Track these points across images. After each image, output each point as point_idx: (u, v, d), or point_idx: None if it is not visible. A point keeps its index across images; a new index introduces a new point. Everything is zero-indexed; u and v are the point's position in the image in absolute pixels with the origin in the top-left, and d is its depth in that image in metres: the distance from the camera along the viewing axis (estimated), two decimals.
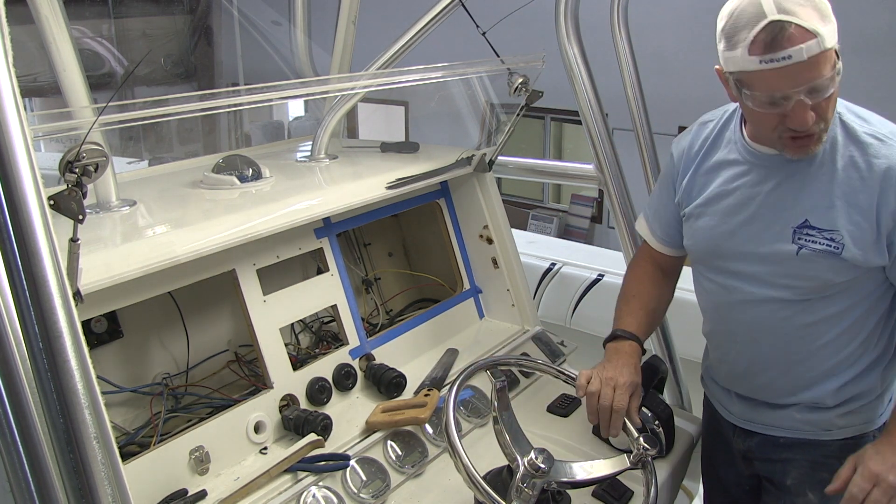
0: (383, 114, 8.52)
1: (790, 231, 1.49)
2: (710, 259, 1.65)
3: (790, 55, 1.29)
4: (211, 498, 1.44)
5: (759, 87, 1.35)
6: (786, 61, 1.29)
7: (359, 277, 2.30)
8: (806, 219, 1.48)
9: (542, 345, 2.20)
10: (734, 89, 1.42)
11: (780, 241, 1.50)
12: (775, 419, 1.67)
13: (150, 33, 9.36)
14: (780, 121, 1.38)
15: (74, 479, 0.70)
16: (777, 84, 1.33)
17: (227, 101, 1.41)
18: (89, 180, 1.04)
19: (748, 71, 1.34)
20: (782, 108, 1.36)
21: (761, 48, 1.31)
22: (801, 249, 1.48)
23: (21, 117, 0.68)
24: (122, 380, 1.70)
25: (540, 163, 3.90)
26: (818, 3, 1.32)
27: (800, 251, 1.48)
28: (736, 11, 1.35)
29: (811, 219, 1.47)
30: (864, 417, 1.61)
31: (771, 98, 1.35)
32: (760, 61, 1.31)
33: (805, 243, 1.47)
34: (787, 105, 1.35)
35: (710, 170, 1.63)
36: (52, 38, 1.51)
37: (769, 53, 1.30)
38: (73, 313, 0.70)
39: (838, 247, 1.45)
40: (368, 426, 1.71)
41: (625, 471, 1.47)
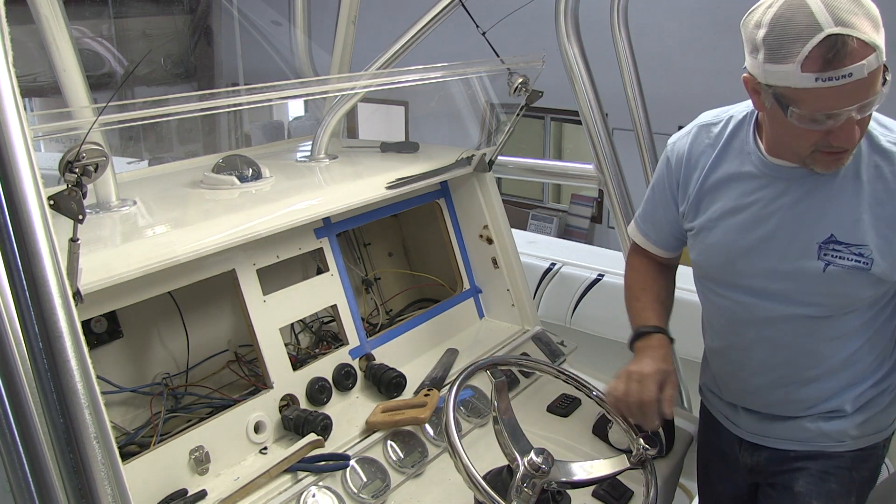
0: (383, 114, 8.52)
1: (815, 247, 1.40)
2: (725, 275, 1.56)
3: (851, 73, 1.18)
4: (211, 498, 1.44)
5: (811, 105, 1.24)
6: (846, 79, 1.19)
7: (359, 277, 2.30)
8: (832, 234, 1.40)
9: (542, 345, 2.20)
10: (769, 102, 1.32)
11: (805, 257, 1.42)
12: (787, 432, 1.60)
13: (150, 33, 9.36)
14: (822, 138, 1.29)
15: (74, 479, 0.69)
16: (833, 103, 1.23)
17: (227, 101, 1.42)
18: (89, 180, 1.04)
19: (799, 88, 1.23)
20: (829, 126, 1.26)
21: (819, 65, 1.19)
22: (828, 266, 1.40)
23: (21, 117, 0.68)
24: (122, 380, 1.70)
25: (540, 163, 3.90)
26: (870, 10, 1.21)
27: (827, 268, 1.40)
28: (781, 20, 1.23)
29: (837, 234, 1.39)
30: (877, 426, 1.57)
31: (822, 116, 1.25)
32: (817, 78, 1.20)
33: (832, 259, 1.40)
34: (836, 122, 1.25)
35: (721, 182, 1.53)
36: (52, 38, 1.51)
37: (828, 71, 1.19)
38: (73, 313, 0.70)
39: (867, 262, 1.37)
40: (368, 426, 1.71)
41: (625, 471, 1.47)
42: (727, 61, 7.71)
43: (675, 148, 1.64)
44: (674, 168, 1.63)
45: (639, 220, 1.77)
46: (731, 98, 1.58)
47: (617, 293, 1.88)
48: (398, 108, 8.63)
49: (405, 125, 8.67)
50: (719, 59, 7.21)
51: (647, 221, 1.75)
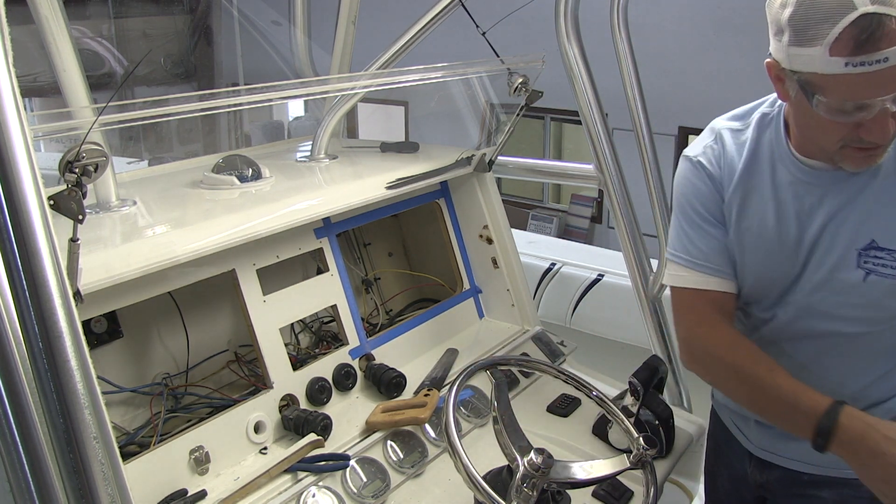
0: (383, 114, 8.52)
1: (854, 255, 1.28)
2: (763, 291, 1.42)
3: (887, 57, 1.06)
4: (211, 498, 1.44)
5: (840, 93, 1.13)
6: (880, 65, 1.06)
7: (359, 277, 2.30)
8: (873, 239, 1.28)
9: (542, 345, 2.20)
10: (795, 91, 1.20)
11: (844, 267, 1.30)
12: (801, 452, 1.44)
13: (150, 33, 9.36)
14: (852, 131, 1.18)
15: (74, 479, 0.69)
16: (865, 91, 1.11)
17: (227, 101, 1.41)
18: (89, 180, 1.04)
19: (827, 74, 1.11)
20: (859, 118, 1.15)
21: (850, 48, 1.07)
22: (868, 275, 1.28)
23: (21, 117, 0.68)
24: (122, 380, 1.70)
25: (540, 163, 3.90)
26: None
27: (867, 277, 1.28)
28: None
29: (879, 239, 1.27)
30: None
31: (851, 106, 1.13)
32: (847, 63, 1.08)
33: (873, 267, 1.27)
34: (868, 114, 1.13)
35: (753, 191, 1.39)
36: (52, 38, 1.51)
37: (861, 55, 1.07)
38: (74, 313, 0.70)
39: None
40: (368, 426, 1.71)
41: (625, 471, 1.47)
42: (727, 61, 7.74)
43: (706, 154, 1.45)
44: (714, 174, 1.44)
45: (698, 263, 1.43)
46: (731, 98, 1.58)
47: (617, 293, 1.88)
48: (398, 108, 8.63)
49: (405, 125, 8.67)
50: (719, 59, 7.23)
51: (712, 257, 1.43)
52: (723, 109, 1.57)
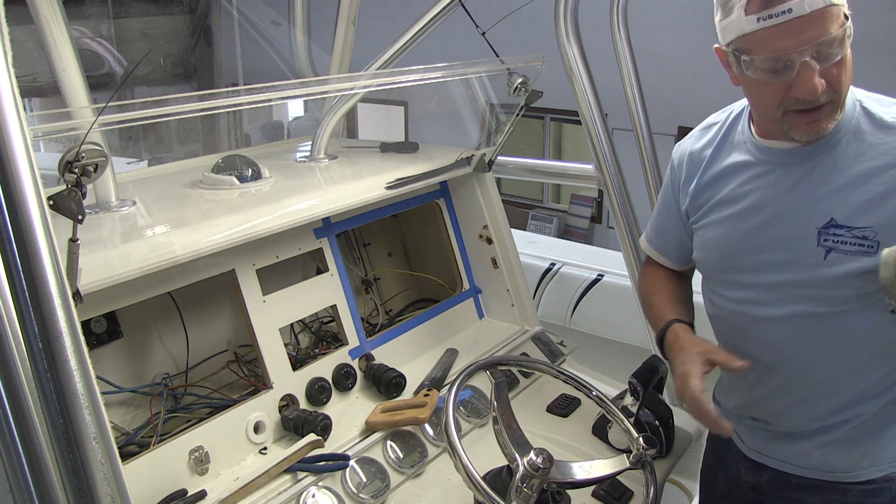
0: (383, 114, 8.51)
1: (815, 233, 1.31)
2: (724, 272, 1.48)
3: (790, 8, 1.17)
4: (211, 498, 1.44)
5: (760, 50, 1.22)
6: (786, 15, 1.17)
7: (358, 277, 2.30)
8: (831, 217, 1.31)
9: (542, 345, 2.20)
10: (734, 64, 1.29)
11: (804, 244, 1.33)
12: (790, 455, 1.48)
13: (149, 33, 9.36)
14: (786, 91, 1.24)
15: (74, 479, 0.70)
16: (779, 43, 1.20)
17: (227, 101, 1.41)
18: (89, 180, 1.04)
19: (746, 34, 1.22)
20: (787, 76, 1.22)
21: (758, 4, 1.19)
22: (829, 252, 1.30)
23: (21, 117, 0.68)
24: (122, 380, 1.70)
25: (540, 163, 3.90)
26: None
27: (828, 254, 1.30)
28: None
29: (838, 217, 1.30)
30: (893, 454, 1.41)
31: (774, 62, 1.21)
32: (759, 19, 1.19)
33: (834, 245, 1.30)
34: (792, 71, 1.21)
35: (719, 175, 1.48)
36: (51, 38, 1.51)
37: (767, 9, 1.19)
38: (73, 313, 0.70)
39: (872, 245, 1.27)
40: (368, 426, 1.71)
41: (624, 471, 1.47)
42: None
43: (679, 149, 1.60)
44: (676, 169, 1.59)
45: (649, 232, 1.72)
46: (731, 98, 1.57)
47: (617, 293, 1.89)
48: (398, 108, 8.62)
49: (405, 125, 8.67)
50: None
51: (655, 233, 1.70)
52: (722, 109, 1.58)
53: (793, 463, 1.49)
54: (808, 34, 1.19)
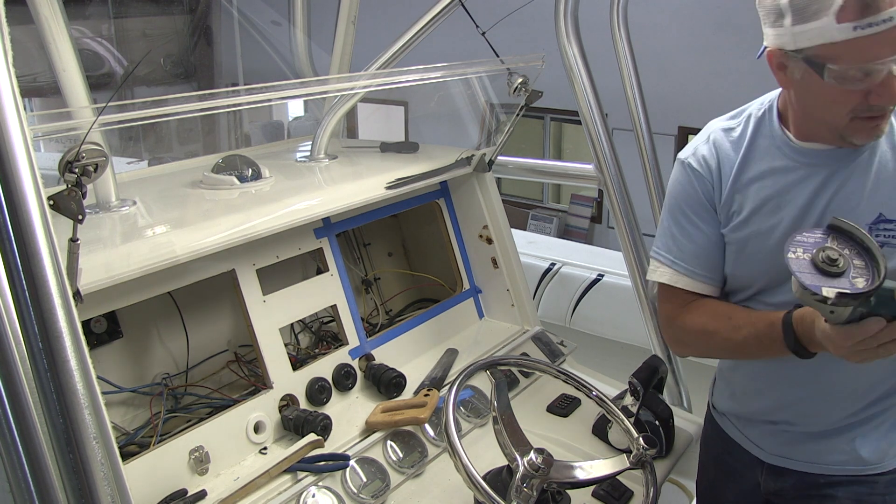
0: (383, 114, 8.51)
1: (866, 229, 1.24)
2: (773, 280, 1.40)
3: (891, 17, 1.12)
4: (211, 498, 1.44)
5: (851, 59, 1.17)
6: (886, 24, 1.12)
7: (358, 277, 2.30)
8: (880, 213, 1.29)
9: (542, 345, 2.20)
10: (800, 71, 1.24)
11: None
12: (817, 453, 1.45)
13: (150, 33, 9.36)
14: (861, 100, 1.21)
15: (74, 479, 0.69)
16: (875, 52, 1.15)
17: (227, 101, 1.41)
18: (89, 180, 1.04)
19: (836, 42, 1.16)
20: (867, 84, 1.19)
21: (855, 12, 1.13)
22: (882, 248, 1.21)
23: (21, 117, 0.68)
24: (122, 380, 1.70)
25: (540, 163, 3.90)
26: None
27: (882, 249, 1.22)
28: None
29: (886, 212, 1.28)
30: None
31: (861, 71, 1.17)
32: (856, 27, 1.13)
33: (886, 239, 1.27)
34: (876, 79, 1.17)
35: (753, 181, 1.40)
36: (51, 38, 1.51)
37: (867, 17, 1.12)
38: (73, 313, 0.70)
39: None
40: (368, 426, 1.71)
41: (624, 471, 1.47)
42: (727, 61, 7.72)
43: (696, 155, 1.47)
44: (706, 175, 1.46)
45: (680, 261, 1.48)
46: (731, 98, 1.57)
47: (617, 293, 1.88)
48: (398, 108, 8.62)
49: (405, 125, 8.67)
50: (719, 59, 7.22)
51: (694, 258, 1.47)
52: (723, 109, 1.57)
53: (819, 462, 1.46)
54: None
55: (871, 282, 1.11)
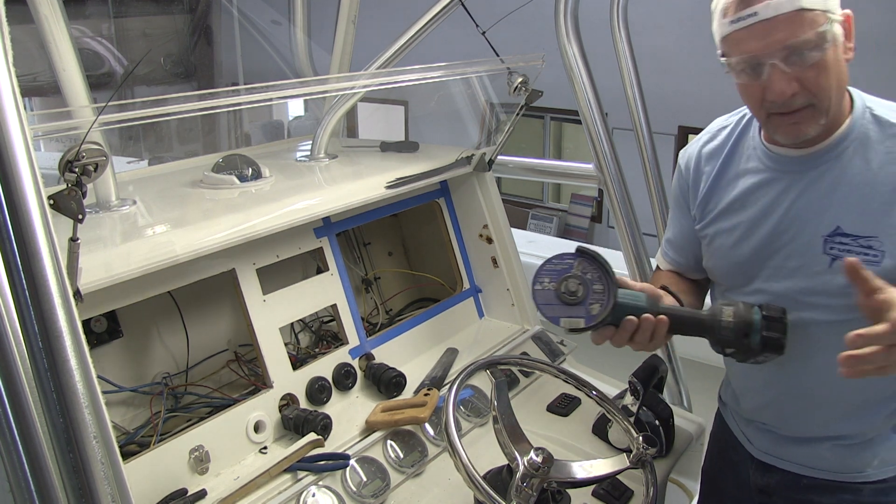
0: (383, 113, 8.51)
1: (821, 241, 1.31)
2: (734, 279, 1.48)
3: (755, 12, 1.21)
4: (211, 497, 1.44)
5: (733, 52, 1.26)
6: (752, 18, 1.21)
7: (359, 277, 2.30)
8: (838, 226, 1.31)
9: (542, 344, 2.20)
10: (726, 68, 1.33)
11: (811, 252, 1.33)
12: (800, 456, 1.49)
13: (150, 33, 9.36)
14: (763, 94, 1.26)
15: (74, 478, 0.69)
16: (747, 45, 1.23)
17: (227, 100, 1.41)
18: (89, 180, 1.04)
19: (723, 36, 1.28)
20: (761, 80, 1.25)
21: (732, 8, 1.24)
22: (834, 261, 1.30)
23: (21, 117, 0.68)
24: (122, 379, 1.70)
25: (540, 162, 3.90)
26: None
27: (833, 263, 1.30)
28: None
29: (844, 225, 1.30)
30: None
31: (745, 64, 1.25)
32: (731, 22, 1.24)
33: (839, 253, 1.30)
34: (766, 74, 1.24)
35: (729, 181, 1.47)
36: (51, 38, 1.51)
37: (738, 12, 1.23)
38: (74, 313, 0.70)
39: (877, 255, 1.26)
40: (368, 426, 1.71)
41: (624, 470, 1.47)
42: None
43: (685, 154, 1.57)
44: (684, 173, 1.56)
45: (664, 246, 1.68)
46: (731, 97, 1.57)
47: None
48: (398, 107, 8.63)
49: (405, 125, 8.67)
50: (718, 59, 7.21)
51: (669, 243, 1.66)
52: (723, 109, 1.58)
53: (803, 464, 1.48)
54: (775, 37, 1.21)
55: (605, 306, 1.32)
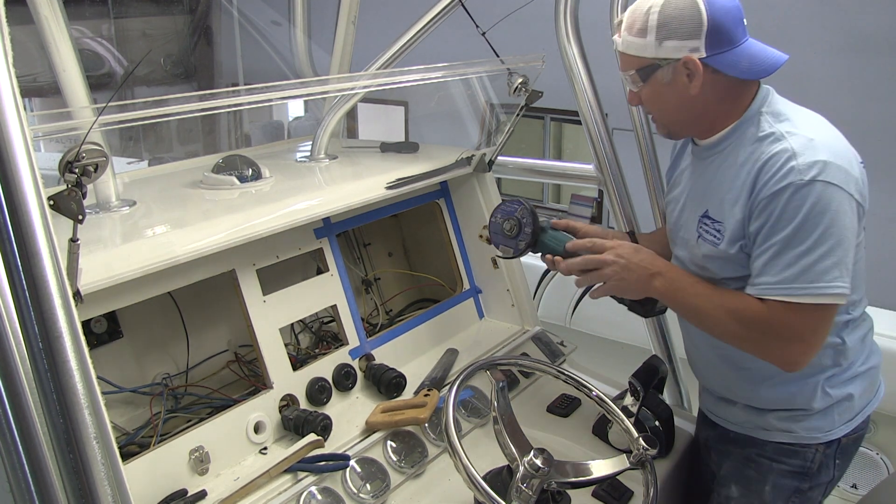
0: (383, 114, 8.50)
1: (696, 220, 1.57)
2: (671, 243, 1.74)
3: (615, 41, 1.54)
4: (211, 498, 1.44)
5: None
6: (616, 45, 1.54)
7: (359, 277, 2.30)
8: (707, 209, 1.54)
9: (542, 345, 2.20)
10: None
11: (692, 228, 1.59)
12: (727, 413, 1.71)
13: (150, 33, 9.35)
14: None
15: (74, 479, 0.70)
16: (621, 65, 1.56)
17: (227, 101, 1.41)
18: (89, 180, 1.04)
19: None
20: None
21: None
22: (698, 238, 1.55)
23: (21, 117, 0.68)
24: (122, 380, 1.70)
25: (540, 163, 3.89)
26: (637, 17, 1.47)
27: (697, 240, 1.56)
28: None
29: (709, 209, 1.53)
30: (806, 427, 1.59)
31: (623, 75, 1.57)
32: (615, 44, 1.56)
33: (702, 233, 1.54)
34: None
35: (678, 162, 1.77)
36: (52, 38, 1.51)
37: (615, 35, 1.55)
38: (73, 313, 0.70)
39: (719, 238, 1.50)
40: (368, 426, 1.71)
41: (625, 471, 1.47)
42: None
43: None
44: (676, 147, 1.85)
45: None
46: None
47: None
48: (398, 108, 8.62)
49: (405, 125, 8.66)
50: None
51: None
52: None
53: (730, 420, 1.71)
54: (622, 64, 1.55)
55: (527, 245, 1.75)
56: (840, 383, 1.58)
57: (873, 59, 4.49)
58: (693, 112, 1.53)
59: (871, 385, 1.64)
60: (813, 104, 1.53)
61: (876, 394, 1.66)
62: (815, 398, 1.57)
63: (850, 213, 1.38)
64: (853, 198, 1.38)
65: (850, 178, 1.39)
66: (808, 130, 1.44)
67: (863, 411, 1.63)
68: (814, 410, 1.58)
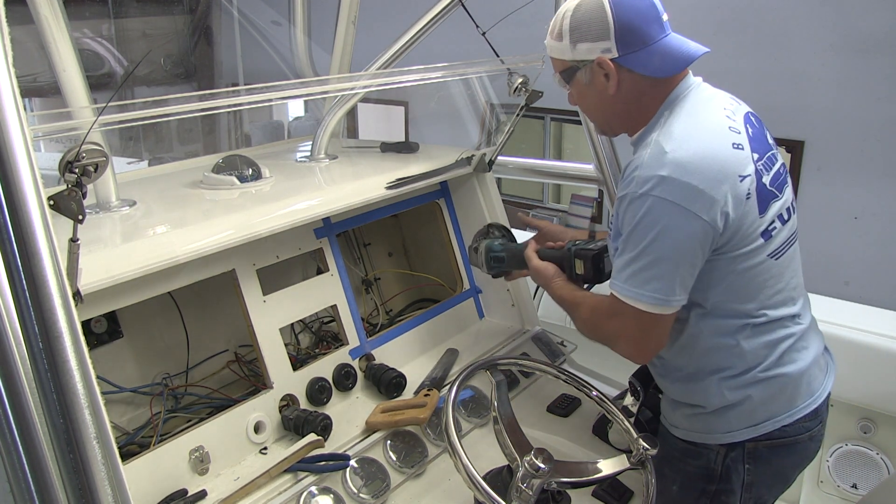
0: (383, 114, 8.50)
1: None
2: None
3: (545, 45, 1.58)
4: (211, 498, 1.44)
5: None
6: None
7: (359, 277, 2.30)
8: None
9: (542, 345, 2.20)
10: None
11: None
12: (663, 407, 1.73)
13: (150, 33, 9.35)
14: None
15: (74, 479, 0.69)
16: None
17: (227, 101, 1.41)
18: (89, 180, 1.04)
19: None
20: None
21: None
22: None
23: (21, 117, 0.68)
24: (122, 380, 1.70)
25: (540, 163, 3.89)
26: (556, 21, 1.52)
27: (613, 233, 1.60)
28: None
29: None
30: (705, 426, 1.59)
31: None
32: None
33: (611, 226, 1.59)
34: None
35: None
36: (52, 38, 1.51)
37: None
38: (73, 313, 0.70)
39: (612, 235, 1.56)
40: (368, 426, 1.71)
41: (625, 471, 1.47)
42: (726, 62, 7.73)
43: None
44: None
45: None
46: None
47: None
48: (398, 108, 8.62)
49: (405, 125, 8.66)
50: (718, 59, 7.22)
51: None
52: None
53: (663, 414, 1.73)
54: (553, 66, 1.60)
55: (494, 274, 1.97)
56: (738, 386, 1.54)
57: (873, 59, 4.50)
58: (615, 110, 1.57)
59: (781, 394, 1.55)
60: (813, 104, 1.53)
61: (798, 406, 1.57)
62: (709, 396, 1.56)
63: (685, 230, 1.37)
64: (698, 217, 1.36)
65: (698, 196, 1.35)
66: (675, 140, 1.41)
67: (774, 419, 1.55)
68: (709, 409, 1.57)
